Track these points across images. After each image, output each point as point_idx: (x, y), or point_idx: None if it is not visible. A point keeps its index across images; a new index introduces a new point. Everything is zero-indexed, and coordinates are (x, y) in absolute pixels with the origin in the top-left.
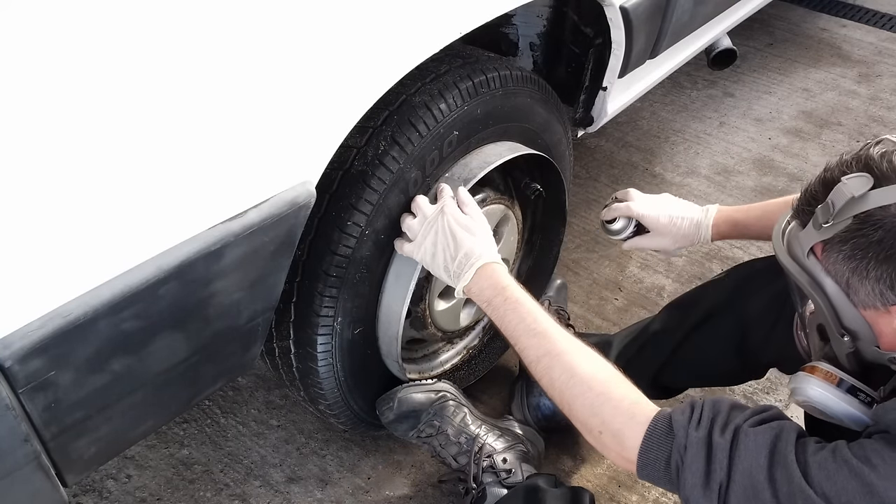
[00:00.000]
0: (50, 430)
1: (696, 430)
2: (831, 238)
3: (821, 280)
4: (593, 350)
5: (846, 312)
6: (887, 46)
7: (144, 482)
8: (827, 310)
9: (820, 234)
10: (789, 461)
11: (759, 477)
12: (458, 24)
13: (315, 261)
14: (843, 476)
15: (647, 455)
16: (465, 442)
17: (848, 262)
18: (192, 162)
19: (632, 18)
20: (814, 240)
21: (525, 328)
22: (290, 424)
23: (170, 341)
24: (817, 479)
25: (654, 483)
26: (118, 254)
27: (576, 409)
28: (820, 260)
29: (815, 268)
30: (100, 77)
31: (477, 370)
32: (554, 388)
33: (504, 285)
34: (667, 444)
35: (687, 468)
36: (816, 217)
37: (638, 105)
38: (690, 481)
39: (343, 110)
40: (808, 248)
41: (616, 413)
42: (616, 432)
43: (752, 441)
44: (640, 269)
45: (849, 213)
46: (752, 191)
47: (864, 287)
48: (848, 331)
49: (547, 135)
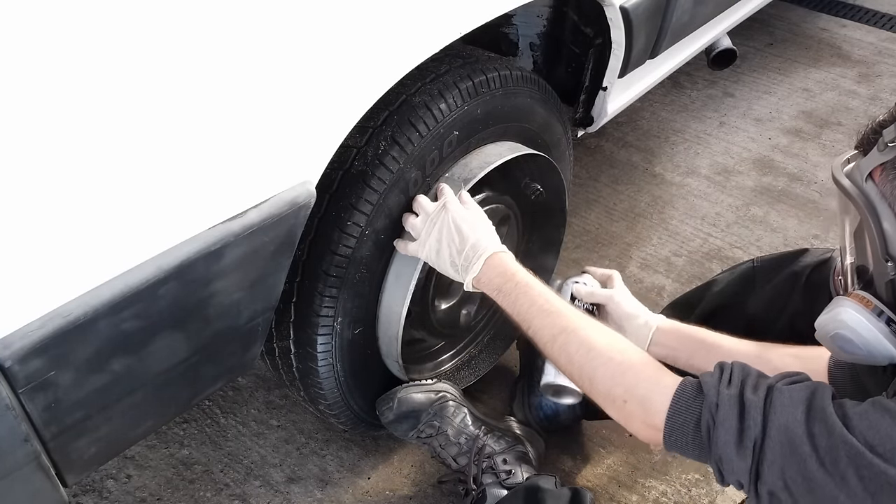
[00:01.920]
0: (50, 430)
1: (728, 388)
2: (893, 157)
3: (875, 203)
4: (606, 326)
5: (894, 238)
6: (887, 46)
7: (144, 482)
8: (877, 233)
9: (883, 154)
10: (828, 413)
11: (798, 431)
12: (458, 25)
13: (315, 261)
14: (886, 423)
15: (675, 419)
16: (465, 442)
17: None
18: (192, 162)
19: (632, 18)
20: (875, 162)
21: (538, 309)
22: (290, 424)
23: (170, 341)
24: (859, 428)
25: (681, 452)
26: (118, 254)
27: (597, 380)
28: (877, 183)
29: (871, 192)
30: (100, 77)
31: (477, 370)
32: (573, 363)
33: (513, 271)
34: (696, 405)
35: (720, 425)
36: (883, 138)
37: (638, 105)
38: (723, 438)
39: (343, 110)
40: (868, 172)
41: (640, 379)
42: (642, 399)
43: (787, 397)
44: (640, 269)
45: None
46: (752, 191)
47: None
48: (892, 257)
49: (547, 135)
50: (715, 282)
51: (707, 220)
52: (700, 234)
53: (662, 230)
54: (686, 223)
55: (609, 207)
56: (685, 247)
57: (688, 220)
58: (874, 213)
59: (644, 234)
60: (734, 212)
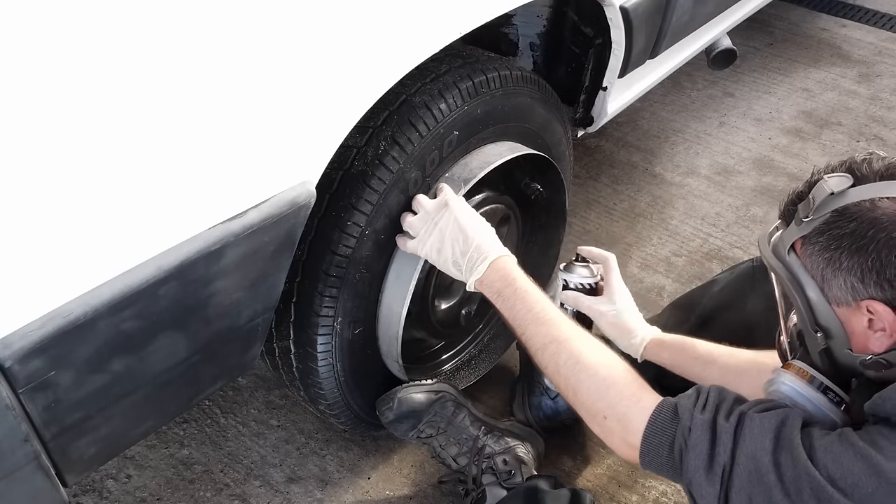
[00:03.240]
0: (50, 430)
1: (702, 414)
2: (810, 232)
3: (798, 275)
4: (600, 341)
5: (821, 309)
6: (887, 46)
7: (144, 482)
8: (803, 305)
9: (800, 229)
10: (795, 444)
11: (764, 460)
12: (458, 24)
13: (315, 261)
14: (849, 458)
15: (650, 440)
16: (464, 443)
17: (823, 253)
18: (192, 162)
19: (632, 18)
20: (795, 236)
21: (533, 317)
22: (290, 424)
23: (170, 341)
24: (823, 461)
25: (656, 472)
26: (118, 254)
27: (581, 393)
28: (799, 255)
29: (794, 264)
30: (101, 77)
31: (477, 370)
32: (560, 374)
33: (514, 277)
34: (671, 428)
35: (690, 450)
36: (798, 213)
37: (638, 105)
38: (693, 464)
39: (343, 110)
40: (790, 244)
41: (621, 397)
42: (621, 416)
43: (757, 425)
44: (640, 269)
45: (827, 209)
46: (752, 191)
47: (837, 279)
48: (821, 327)
49: (547, 135)
50: (715, 282)
51: (707, 220)
52: (700, 234)
53: (662, 230)
54: (686, 223)
55: (609, 207)
56: (685, 247)
57: (688, 220)
58: (799, 286)
59: (644, 234)
60: (734, 212)
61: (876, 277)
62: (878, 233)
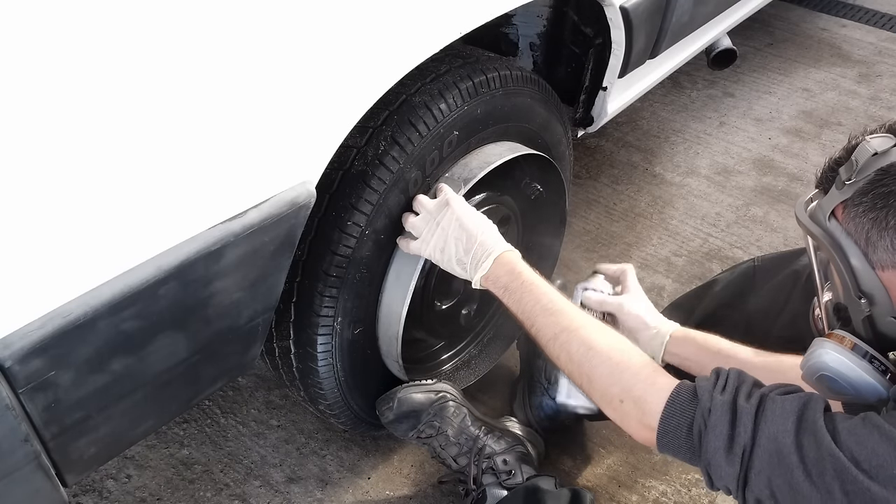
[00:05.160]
0: (50, 430)
1: (721, 394)
2: (853, 195)
3: (841, 241)
4: (609, 327)
5: (864, 274)
6: (887, 46)
7: (144, 482)
8: (846, 271)
9: (842, 193)
10: (818, 426)
11: (786, 441)
12: (458, 24)
13: (315, 261)
14: (874, 440)
15: (669, 421)
16: (465, 443)
17: (868, 213)
18: (192, 162)
19: (632, 18)
20: (836, 201)
21: (541, 308)
22: (290, 424)
23: (170, 341)
24: (847, 443)
25: (673, 454)
26: (118, 254)
27: (595, 379)
28: (840, 221)
29: (835, 230)
30: (101, 77)
31: (477, 370)
32: (573, 361)
33: (520, 270)
34: (690, 409)
35: (710, 430)
36: (840, 177)
37: (638, 105)
38: (713, 444)
39: (343, 110)
40: (830, 210)
41: (637, 380)
42: (637, 399)
43: (779, 406)
44: (641, 269)
45: (871, 168)
46: (752, 191)
47: (884, 240)
48: (864, 293)
49: (547, 135)
50: (715, 282)
51: (707, 220)
52: (700, 234)
53: (662, 230)
54: (686, 223)
55: (609, 207)
56: (685, 247)
57: (688, 220)
58: (841, 252)
59: (644, 234)
60: (734, 212)
61: None
62: None
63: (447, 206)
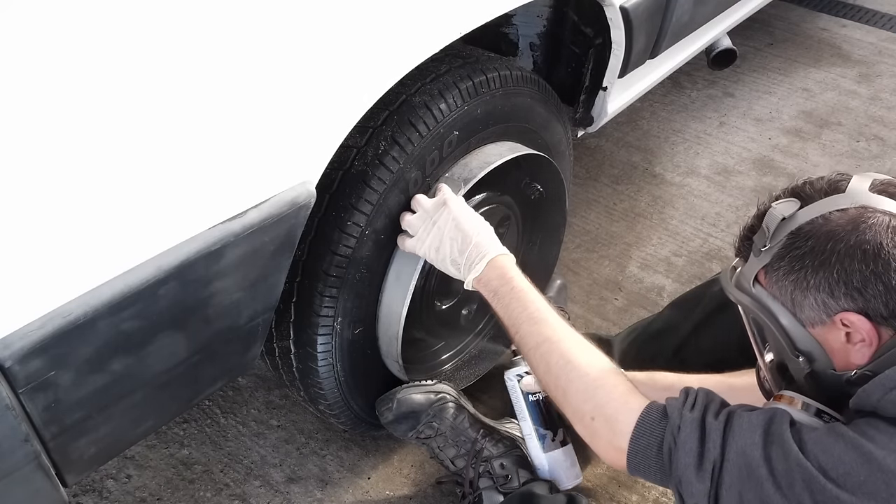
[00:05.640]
0: (50, 430)
1: (691, 412)
2: (771, 260)
3: (769, 305)
4: (593, 344)
5: (797, 334)
6: (887, 46)
7: (144, 482)
8: (779, 333)
9: (760, 259)
10: (785, 438)
11: (755, 454)
12: (458, 24)
13: (315, 261)
14: (839, 448)
15: (639, 441)
16: (463, 445)
17: (788, 276)
18: (192, 162)
19: (632, 18)
20: (756, 267)
21: (527, 316)
22: (290, 424)
23: (170, 341)
24: (814, 452)
25: (643, 475)
26: (118, 254)
27: (570, 393)
28: (764, 286)
29: (761, 295)
30: (101, 77)
31: (477, 370)
32: (550, 373)
33: (511, 276)
34: (660, 429)
35: (680, 448)
36: (755, 245)
37: (638, 105)
38: (683, 461)
39: (343, 110)
40: (753, 277)
41: (610, 399)
42: (609, 417)
43: (745, 421)
44: (640, 269)
45: (782, 233)
46: (752, 191)
47: (808, 299)
48: (801, 352)
49: (547, 135)
50: (715, 281)
51: (707, 220)
52: (700, 234)
53: (662, 230)
54: (686, 223)
55: (609, 207)
56: (685, 247)
57: (688, 220)
58: (771, 315)
59: (644, 234)
60: (734, 212)
61: (844, 288)
62: (836, 244)
63: (444, 205)
